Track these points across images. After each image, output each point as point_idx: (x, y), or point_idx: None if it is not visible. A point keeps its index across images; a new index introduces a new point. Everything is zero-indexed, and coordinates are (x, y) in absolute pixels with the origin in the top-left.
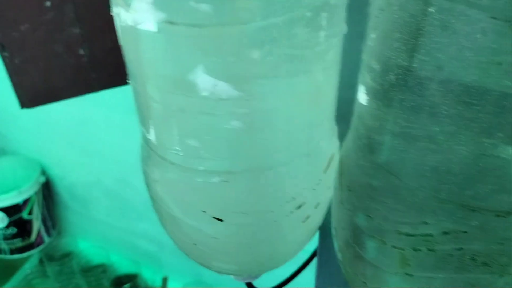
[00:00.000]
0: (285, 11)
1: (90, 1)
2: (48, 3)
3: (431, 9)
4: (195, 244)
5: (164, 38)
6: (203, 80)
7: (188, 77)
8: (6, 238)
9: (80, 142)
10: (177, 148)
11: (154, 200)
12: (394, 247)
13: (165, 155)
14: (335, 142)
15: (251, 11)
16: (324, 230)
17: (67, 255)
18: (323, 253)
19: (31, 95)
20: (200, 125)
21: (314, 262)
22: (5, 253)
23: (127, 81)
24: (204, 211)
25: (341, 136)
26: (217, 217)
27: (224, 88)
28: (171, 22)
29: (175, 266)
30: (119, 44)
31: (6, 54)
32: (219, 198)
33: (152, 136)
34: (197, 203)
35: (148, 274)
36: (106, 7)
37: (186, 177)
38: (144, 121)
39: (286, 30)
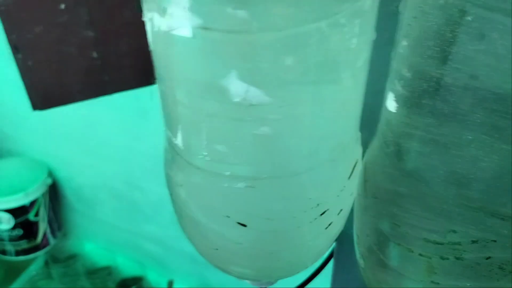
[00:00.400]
0: (319, 17)
1: (104, 4)
2: (62, 6)
3: (467, 18)
4: (217, 249)
5: (199, 44)
6: (236, 86)
7: (221, 82)
8: (12, 239)
9: (87, 144)
10: (204, 153)
11: (176, 203)
12: (421, 255)
13: (192, 159)
14: (359, 148)
15: (286, 17)
16: (341, 234)
17: (73, 257)
18: (339, 258)
19: (44, 97)
20: (229, 130)
21: (330, 266)
22: (10, 255)
23: (138, 84)
24: (228, 216)
25: (365, 143)
26: (241, 222)
27: (256, 94)
28: (206, 28)
29: (180, 269)
30: (131, 47)
31: (19, 56)
32: (244, 203)
33: (179, 140)
34: (222, 208)
35: (154, 277)
36: (120, 10)
37: (212, 182)
38: (171, 125)
39: (320, 36)
